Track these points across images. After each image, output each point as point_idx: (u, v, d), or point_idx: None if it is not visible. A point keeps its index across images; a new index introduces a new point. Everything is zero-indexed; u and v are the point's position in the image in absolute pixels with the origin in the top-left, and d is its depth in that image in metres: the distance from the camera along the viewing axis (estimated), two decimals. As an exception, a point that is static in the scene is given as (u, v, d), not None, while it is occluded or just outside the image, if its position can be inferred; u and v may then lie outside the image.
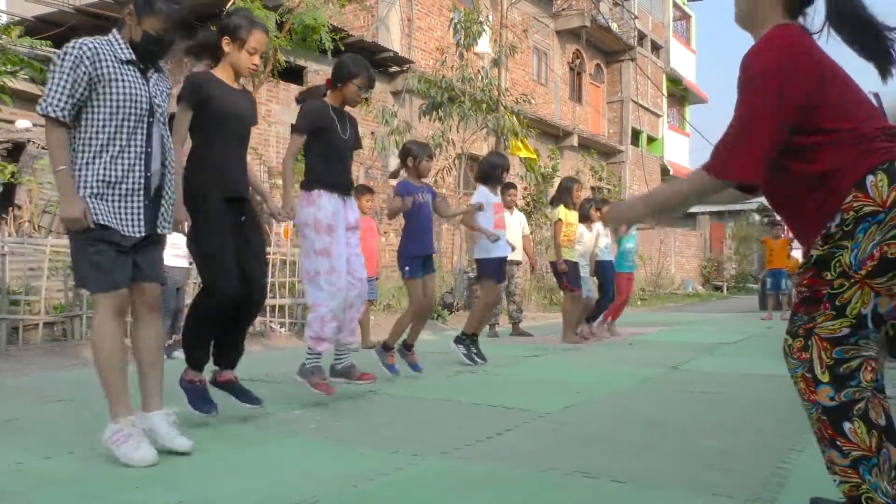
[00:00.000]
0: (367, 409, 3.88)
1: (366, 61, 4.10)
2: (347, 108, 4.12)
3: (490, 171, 5.67)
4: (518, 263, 8.25)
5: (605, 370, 5.48)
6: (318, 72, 12.48)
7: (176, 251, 5.62)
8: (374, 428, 3.36)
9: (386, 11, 14.02)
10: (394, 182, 5.35)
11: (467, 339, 5.56)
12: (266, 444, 3.04)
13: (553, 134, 18.59)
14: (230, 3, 8.48)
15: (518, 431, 3.30)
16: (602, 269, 7.54)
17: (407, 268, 4.84)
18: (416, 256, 4.87)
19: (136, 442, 2.62)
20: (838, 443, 1.85)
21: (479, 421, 3.54)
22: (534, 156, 14.68)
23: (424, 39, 15.30)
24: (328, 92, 4.04)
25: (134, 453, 2.59)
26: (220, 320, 3.30)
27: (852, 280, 1.83)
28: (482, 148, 14.19)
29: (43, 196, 10.00)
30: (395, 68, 13.92)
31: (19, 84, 9.98)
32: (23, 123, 11.66)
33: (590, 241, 7.42)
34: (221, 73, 3.38)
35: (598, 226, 7.53)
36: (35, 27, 10.97)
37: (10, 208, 9.87)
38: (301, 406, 3.82)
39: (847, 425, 1.83)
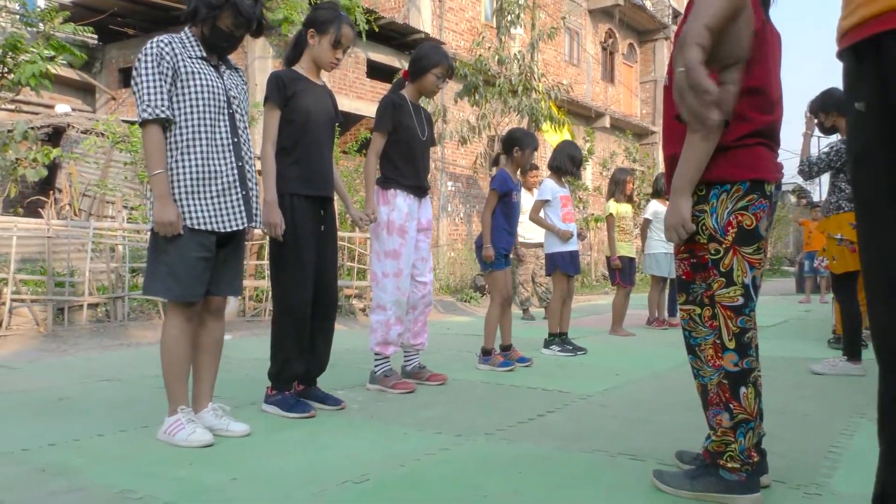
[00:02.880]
0: (407, 390, 3.91)
1: (444, 50, 3.99)
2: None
3: (566, 164, 5.35)
4: (540, 245, 8.16)
5: (644, 353, 5.45)
6: (349, 54, 12.49)
7: None
8: (416, 409, 3.39)
9: (417, -7, 13.95)
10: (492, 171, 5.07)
11: (556, 338, 5.40)
12: (311, 423, 3.08)
13: (585, 115, 18.40)
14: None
15: (560, 413, 3.30)
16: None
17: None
18: (500, 250, 4.66)
19: (191, 427, 2.68)
20: (731, 405, 2.05)
21: (520, 403, 3.54)
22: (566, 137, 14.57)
23: (455, 20, 15.20)
24: (406, 84, 3.94)
25: (190, 437, 2.65)
26: (300, 333, 3.23)
27: (724, 245, 2.06)
28: (514, 130, 14.09)
29: (83, 180, 10.21)
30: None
31: (60, 70, 10.14)
32: (62, 108, 11.89)
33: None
34: (303, 68, 3.33)
35: None
36: (76, 14, 11.12)
37: (51, 192, 10.09)
38: (342, 387, 3.86)
39: (743, 390, 2.04)
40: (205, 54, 2.76)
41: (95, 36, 12.62)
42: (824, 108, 4.39)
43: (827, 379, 4.18)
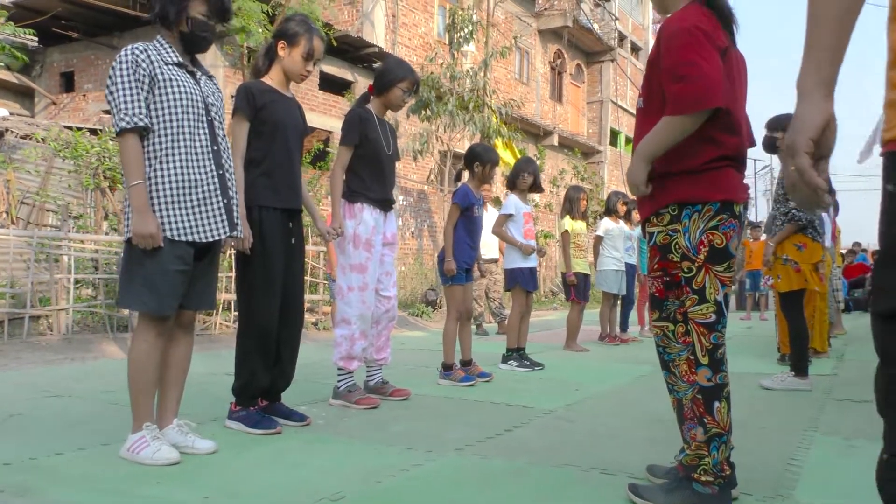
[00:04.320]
0: (371, 405, 3.88)
1: (409, 65, 4.01)
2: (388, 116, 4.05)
3: (517, 178, 5.47)
4: (495, 261, 8.25)
5: (599, 368, 5.54)
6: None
7: None
8: (382, 424, 3.37)
9: (371, 7, 13.98)
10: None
11: (514, 353, 5.46)
12: (277, 440, 3.03)
13: (534, 133, 18.69)
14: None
15: (527, 428, 3.33)
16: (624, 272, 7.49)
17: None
18: (461, 264, 4.68)
19: (157, 445, 2.60)
20: (705, 420, 2.11)
21: (486, 418, 3.56)
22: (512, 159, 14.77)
23: (409, 35, 15.29)
24: (371, 98, 3.93)
25: (155, 454, 2.57)
26: (266, 348, 3.19)
27: (697, 264, 2.13)
28: (466, 146, 14.24)
29: (21, 187, 9.81)
30: (379, 64, 13.89)
31: (-1, 73, 9.79)
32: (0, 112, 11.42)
33: (619, 234, 7.37)
34: (273, 79, 3.31)
35: (622, 224, 7.51)
36: (16, 14, 10.75)
37: (-13, 199, 9.66)
38: (304, 403, 3.81)
39: (716, 404, 2.11)
40: (180, 59, 2.70)
41: (36, 38, 12.24)
42: (780, 127, 4.58)
43: (777, 394, 4.33)
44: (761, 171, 38.25)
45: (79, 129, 9.63)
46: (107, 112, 12.54)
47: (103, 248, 7.38)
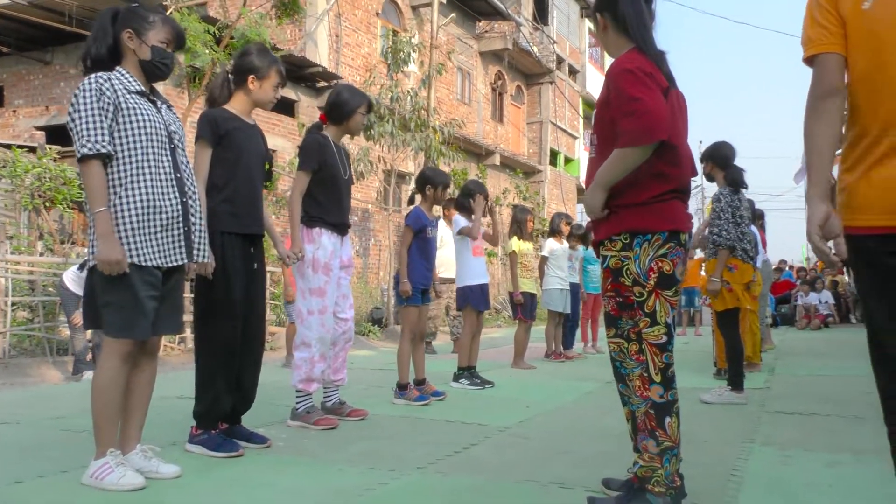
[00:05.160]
0: (328, 426, 3.92)
1: (358, 89, 4.11)
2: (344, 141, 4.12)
3: (464, 200, 5.65)
4: (453, 280, 8.35)
5: (547, 385, 5.70)
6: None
7: None
8: (341, 444, 3.43)
9: (314, 27, 14.02)
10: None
11: (465, 372, 5.57)
12: (240, 462, 3.05)
13: (476, 153, 18.98)
14: (167, 12, 8.36)
15: (483, 445, 3.44)
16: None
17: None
18: (417, 286, 4.76)
19: (121, 471, 2.60)
20: (657, 433, 2.28)
21: (443, 436, 3.66)
22: None
23: (352, 56, 15.39)
24: (325, 126, 3.99)
25: (120, 480, 2.57)
26: (228, 372, 3.21)
27: (647, 289, 2.30)
28: (409, 166, 14.39)
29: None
30: (322, 83, 13.95)
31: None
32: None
33: (563, 255, 7.57)
34: (236, 107, 3.38)
35: (566, 244, 7.73)
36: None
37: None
38: (262, 425, 3.82)
39: (668, 419, 2.29)
40: (142, 88, 2.74)
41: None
42: (711, 159, 4.86)
43: (715, 407, 4.56)
44: (693, 189, 39.73)
45: (14, 146, 9.34)
46: (39, 128, 12.19)
47: (39, 270, 7.18)
